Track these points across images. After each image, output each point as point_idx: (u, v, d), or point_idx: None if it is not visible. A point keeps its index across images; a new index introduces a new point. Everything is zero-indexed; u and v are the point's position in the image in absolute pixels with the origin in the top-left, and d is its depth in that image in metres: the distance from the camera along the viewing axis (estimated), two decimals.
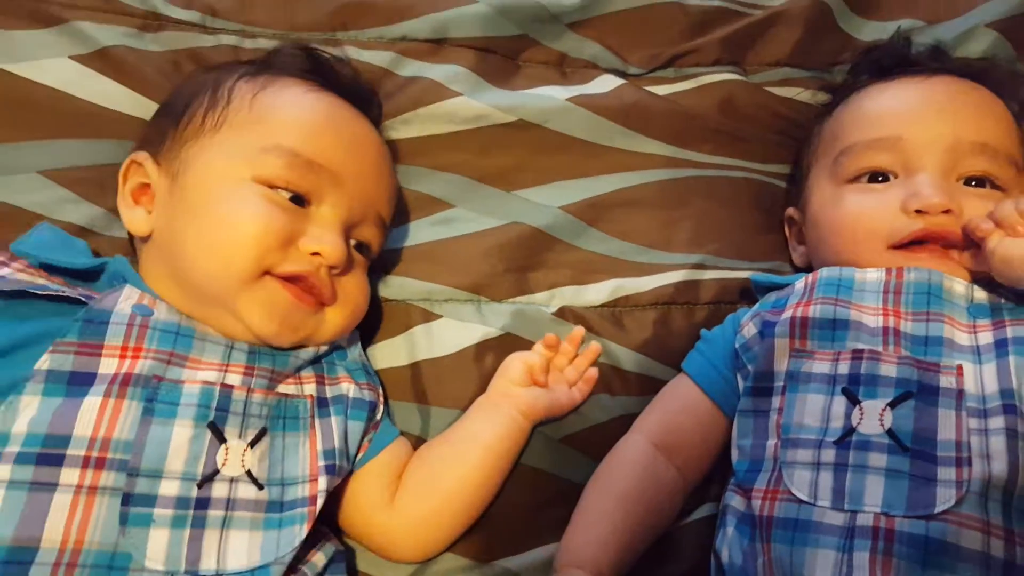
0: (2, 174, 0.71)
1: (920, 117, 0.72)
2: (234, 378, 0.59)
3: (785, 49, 0.94)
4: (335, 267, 0.63)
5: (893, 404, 0.58)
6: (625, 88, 0.88)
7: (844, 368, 0.61)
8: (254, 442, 0.57)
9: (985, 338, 0.61)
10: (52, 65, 0.75)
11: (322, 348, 0.65)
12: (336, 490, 0.63)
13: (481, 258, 0.78)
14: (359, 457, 0.65)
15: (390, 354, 0.74)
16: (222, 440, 0.56)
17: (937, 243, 0.67)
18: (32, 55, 0.75)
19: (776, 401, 0.63)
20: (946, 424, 0.57)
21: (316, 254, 0.62)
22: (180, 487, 0.53)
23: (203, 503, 0.54)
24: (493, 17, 0.88)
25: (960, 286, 0.65)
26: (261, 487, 0.56)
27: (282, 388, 0.62)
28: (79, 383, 0.53)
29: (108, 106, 0.75)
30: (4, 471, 0.50)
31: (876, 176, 0.72)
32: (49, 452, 0.51)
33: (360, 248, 0.68)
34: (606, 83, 0.88)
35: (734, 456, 0.65)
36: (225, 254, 0.59)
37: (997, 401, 0.57)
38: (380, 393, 0.69)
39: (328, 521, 0.65)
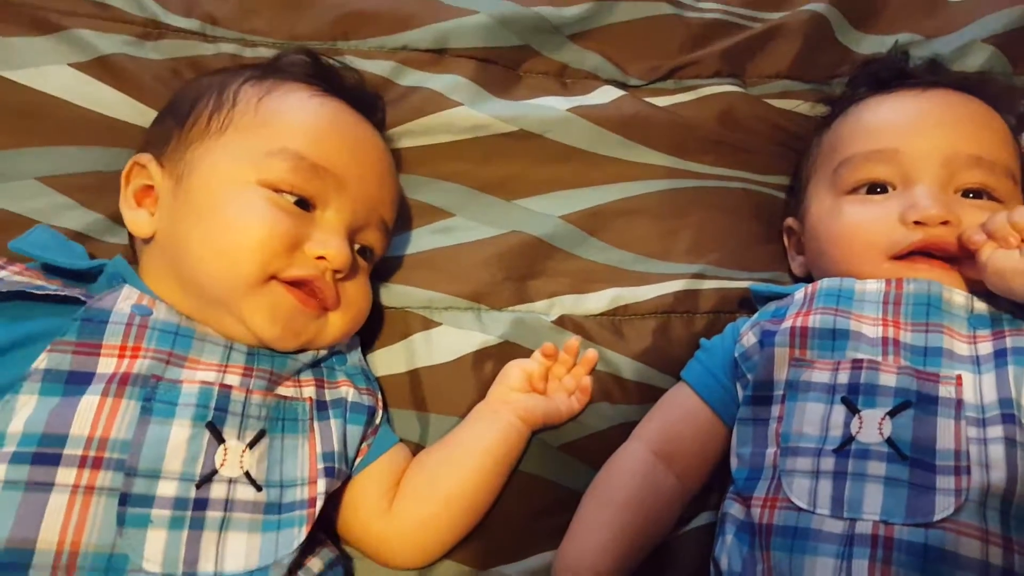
0: (0, 180, 0.71)
1: (918, 129, 0.72)
2: (233, 379, 0.59)
3: (785, 62, 0.94)
4: (340, 271, 0.63)
5: (892, 413, 0.58)
6: (625, 99, 0.89)
7: (844, 377, 0.61)
8: (253, 443, 0.57)
9: (985, 348, 0.61)
10: (51, 72, 0.75)
11: (322, 352, 0.65)
12: (334, 496, 0.62)
13: (481, 267, 0.78)
14: (358, 462, 0.65)
15: (389, 361, 0.74)
16: (220, 440, 0.56)
17: (936, 254, 0.67)
18: (32, 62, 0.75)
19: (775, 410, 0.63)
20: (945, 433, 0.57)
21: (321, 258, 0.62)
22: (178, 487, 0.53)
23: (201, 504, 0.53)
24: (494, 28, 0.88)
25: (960, 297, 0.65)
26: (260, 488, 0.56)
27: (281, 390, 0.61)
28: (77, 382, 0.53)
29: (107, 114, 0.76)
30: None
31: (875, 188, 0.72)
32: (45, 452, 0.50)
33: (363, 252, 0.68)
34: (606, 94, 0.89)
35: (733, 464, 0.65)
36: (231, 258, 0.59)
37: (996, 410, 0.57)
38: (379, 398, 0.69)
39: (326, 528, 0.64)
